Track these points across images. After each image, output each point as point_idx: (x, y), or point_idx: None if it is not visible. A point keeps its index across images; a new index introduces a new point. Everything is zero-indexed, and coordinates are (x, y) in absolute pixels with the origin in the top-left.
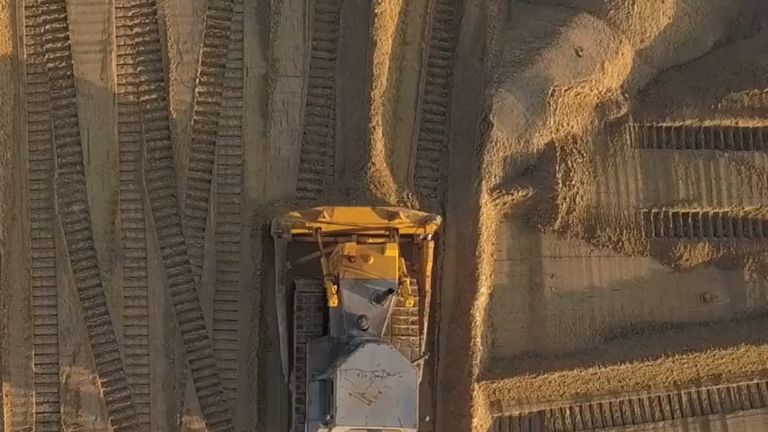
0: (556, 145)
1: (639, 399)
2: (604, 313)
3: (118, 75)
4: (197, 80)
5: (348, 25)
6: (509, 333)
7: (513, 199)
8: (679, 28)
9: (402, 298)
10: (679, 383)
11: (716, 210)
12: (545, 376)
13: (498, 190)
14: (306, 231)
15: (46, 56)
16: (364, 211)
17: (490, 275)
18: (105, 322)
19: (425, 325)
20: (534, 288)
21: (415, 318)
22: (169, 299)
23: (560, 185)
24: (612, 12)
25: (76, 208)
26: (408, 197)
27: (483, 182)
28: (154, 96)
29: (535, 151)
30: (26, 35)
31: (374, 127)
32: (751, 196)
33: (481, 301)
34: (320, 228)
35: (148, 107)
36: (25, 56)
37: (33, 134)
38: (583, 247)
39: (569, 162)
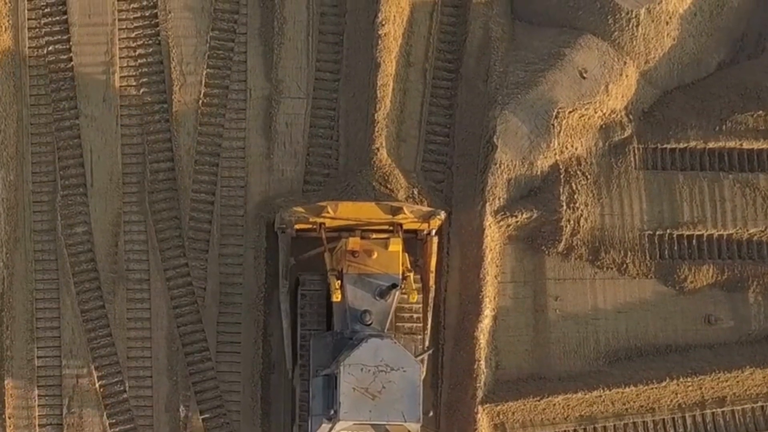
0: (561, 167)
1: (644, 422)
2: (609, 335)
3: (121, 96)
4: (200, 102)
5: (351, 46)
6: (513, 355)
7: (517, 221)
8: (683, 49)
9: (406, 293)
10: (683, 406)
11: (721, 232)
12: (549, 398)
13: (502, 213)
14: (310, 226)
15: (49, 77)
16: (367, 206)
17: (494, 297)
18: (108, 344)
19: (429, 320)
20: (538, 310)
21: (419, 313)
22: (172, 321)
23: (564, 207)
24: (616, 34)
25: (79, 230)
26: None
27: (487, 204)
28: (157, 117)
29: (539, 173)
30: (29, 56)
31: (378, 149)
32: (756, 218)
33: (485, 323)
34: (324, 223)
35: (151, 129)
36: (28, 77)
37: (36, 156)
38: (588, 269)
39: (573, 184)
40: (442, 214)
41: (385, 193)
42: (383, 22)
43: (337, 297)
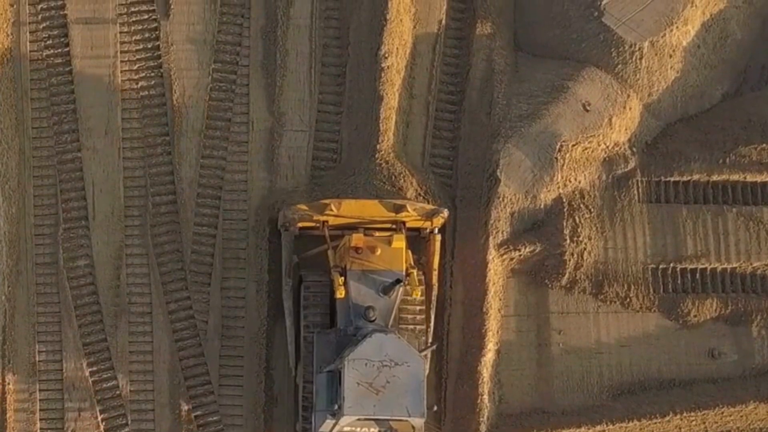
0: (564, 200)
1: None
2: (612, 369)
3: (123, 129)
4: (202, 134)
5: (354, 78)
6: (516, 389)
7: (520, 255)
8: (686, 81)
9: (409, 289)
10: None
11: (724, 266)
12: None
13: (505, 246)
14: (313, 224)
15: (51, 110)
16: (371, 204)
17: (498, 331)
18: (110, 377)
19: (432, 317)
20: (541, 344)
21: (422, 308)
22: (175, 354)
23: (568, 241)
24: (620, 66)
25: (81, 263)
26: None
27: (490, 238)
28: (159, 150)
29: (542, 206)
30: (31, 89)
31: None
32: (760, 251)
33: (489, 357)
34: (327, 221)
35: (153, 161)
36: (30, 110)
37: (38, 188)
38: (591, 302)
39: (577, 218)
40: (446, 213)
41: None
42: (386, 55)
43: (340, 293)
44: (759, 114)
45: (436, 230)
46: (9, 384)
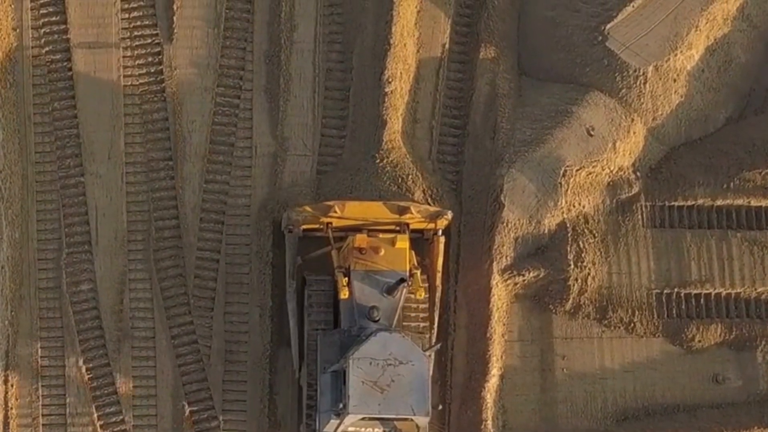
0: (568, 225)
1: None
2: (616, 394)
3: (126, 153)
4: (206, 158)
5: (358, 103)
6: (520, 415)
7: (524, 280)
8: (690, 105)
9: (413, 290)
10: None
11: (729, 291)
12: None
13: (509, 271)
14: (317, 226)
15: (54, 134)
16: (375, 205)
17: (501, 356)
18: (113, 402)
19: (435, 318)
20: (545, 369)
21: (426, 311)
22: (178, 379)
23: (572, 266)
24: (624, 91)
25: (84, 288)
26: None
27: (494, 263)
28: (162, 175)
29: (546, 231)
30: (34, 113)
31: None
32: (764, 276)
33: (492, 382)
34: (331, 223)
35: (157, 186)
36: (33, 134)
37: (41, 213)
38: (595, 328)
39: (581, 242)
40: (449, 214)
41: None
42: (390, 80)
43: (344, 294)
44: (763, 138)
45: (440, 232)
46: (12, 409)
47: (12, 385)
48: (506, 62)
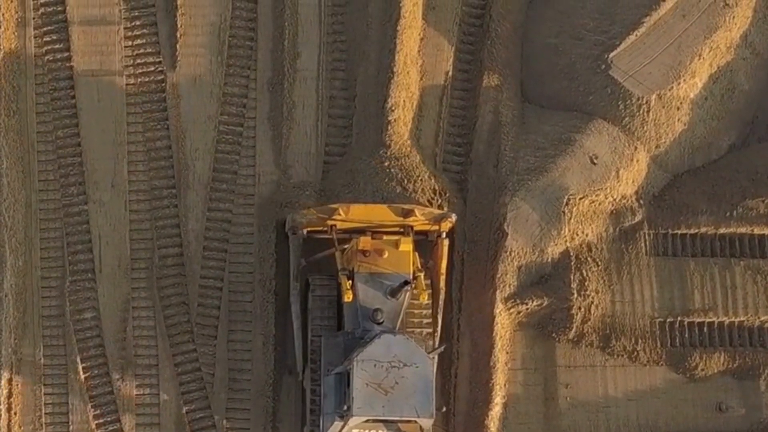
0: (571, 253)
1: None
2: (620, 423)
3: (129, 181)
4: (209, 186)
5: (361, 131)
6: None
7: (528, 309)
8: (694, 133)
9: (416, 293)
10: None
11: (732, 319)
12: None
13: (513, 300)
14: (321, 228)
15: (58, 162)
16: (379, 208)
17: (505, 385)
18: (117, 430)
19: (439, 321)
20: (549, 398)
21: (429, 312)
22: (181, 407)
23: (575, 295)
24: (627, 119)
25: (87, 315)
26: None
27: (498, 292)
28: (165, 203)
29: (549, 260)
30: (38, 141)
31: None
32: (767, 305)
33: (496, 411)
34: (335, 225)
35: (160, 214)
36: (36, 162)
37: (44, 241)
38: (598, 356)
39: (584, 271)
40: (453, 217)
41: None
42: (393, 108)
43: (348, 297)
44: (766, 166)
45: (444, 234)
46: None
47: (15, 413)
48: (509, 90)
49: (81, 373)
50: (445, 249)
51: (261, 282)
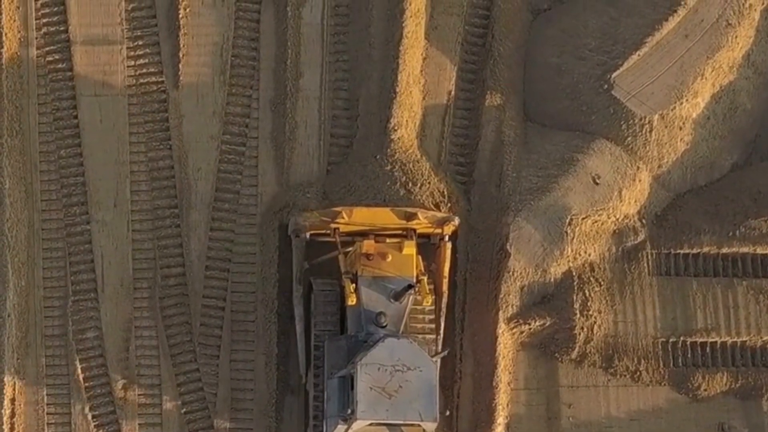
0: (574, 273)
1: None
2: None
3: (132, 201)
4: (211, 206)
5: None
6: None
7: (530, 329)
8: (696, 152)
9: (419, 297)
10: None
11: (734, 339)
12: None
13: (515, 320)
14: (324, 231)
15: (60, 182)
16: (382, 211)
17: (507, 404)
18: None
19: (442, 325)
20: (551, 418)
21: (432, 317)
22: (184, 426)
23: (578, 315)
24: (629, 139)
25: (90, 335)
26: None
27: (500, 312)
28: (168, 222)
29: (552, 280)
30: (40, 161)
31: None
32: None
33: (498, 431)
34: (338, 228)
35: (162, 234)
36: (39, 182)
37: (47, 261)
38: (601, 376)
39: (587, 291)
40: (456, 220)
41: None
42: (395, 127)
43: (352, 300)
44: None
45: (447, 237)
46: None
47: None
48: (512, 109)
49: (83, 392)
50: (448, 252)
51: (263, 301)
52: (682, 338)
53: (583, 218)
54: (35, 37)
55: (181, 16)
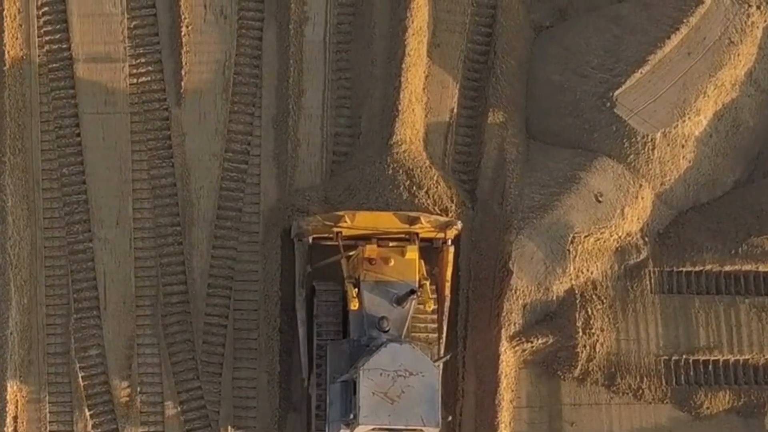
0: (576, 291)
1: None
2: None
3: (134, 219)
4: (213, 224)
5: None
6: None
7: (533, 347)
8: (699, 170)
9: (422, 301)
10: None
11: (737, 357)
12: None
13: (518, 338)
14: (326, 235)
15: (63, 200)
16: (385, 215)
17: (510, 423)
18: None
19: (444, 329)
20: None
21: (434, 322)
22: None
23: (580, 333)
24: (632, 157)
25: (92, 353)
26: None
27: (503, 330)
28: (170, 240)
29: (554, 298)
30: (43, 179)
31: None
32: None
33: None
34: (341, 232)
35: (165, 252)
36: (41, 200)
37: (49, 279)
38: (603, 394)
39: (589, 309)
40: (459, 225)
41: None
42: (399, 142)
43: (354, 305)
44: None
45: (449, 241)
46: None
47: None
48: (514, 127)
49: (86, 410)
50: (451, 256)
51: (266, 319)
52: (684, 356)
53: (585, 236)
54: (38, 55)
55: (183, 33)
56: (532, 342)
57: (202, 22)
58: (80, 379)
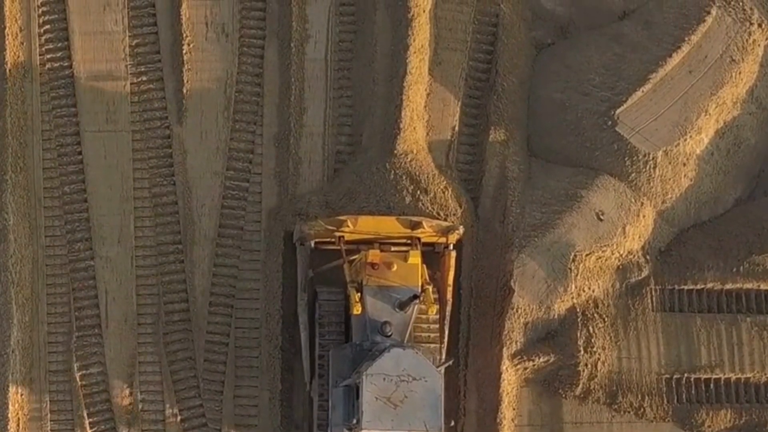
0: (578, 310)
1: None
2: None
3: (136, 237)
4: (215, 242)
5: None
6: None
7: (534, 365)
8: (700, 188)
9: (424, 306)
10: None
11: (738, 376)
12: None
13: (519, 356)
14: (329, 239)
15: (65, 218)
16: (387, 220)
17: None
18: None
19: (446, 333)
20: None
21: (436, 326)
22: None
23: (582, 351)
24: (633, 175)
25: (93, 370)
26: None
27: (504, 348)
28: (171, 258)
29: (556, 316)
30: (44, 197)
31: None
32: None
33: None
34: (343, 236)
35: (166, 269)
36: (43, 218)
37: (51, 297)
38: (605, 412)
39: (591, 327)
40: (461, 229)
41: None
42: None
43: (357, 310)
44: None
45: (451, 246)
46: None
47: None
48: (516, 145)
49: (87, 428)
50: (453, 261)
51: (267, 337)
52: (686, 374)
53: (587, 254)
54: (39, 73)
55: (185, 51)
56: (533, 360)
57: (204, 40)
58: (82, 397)
